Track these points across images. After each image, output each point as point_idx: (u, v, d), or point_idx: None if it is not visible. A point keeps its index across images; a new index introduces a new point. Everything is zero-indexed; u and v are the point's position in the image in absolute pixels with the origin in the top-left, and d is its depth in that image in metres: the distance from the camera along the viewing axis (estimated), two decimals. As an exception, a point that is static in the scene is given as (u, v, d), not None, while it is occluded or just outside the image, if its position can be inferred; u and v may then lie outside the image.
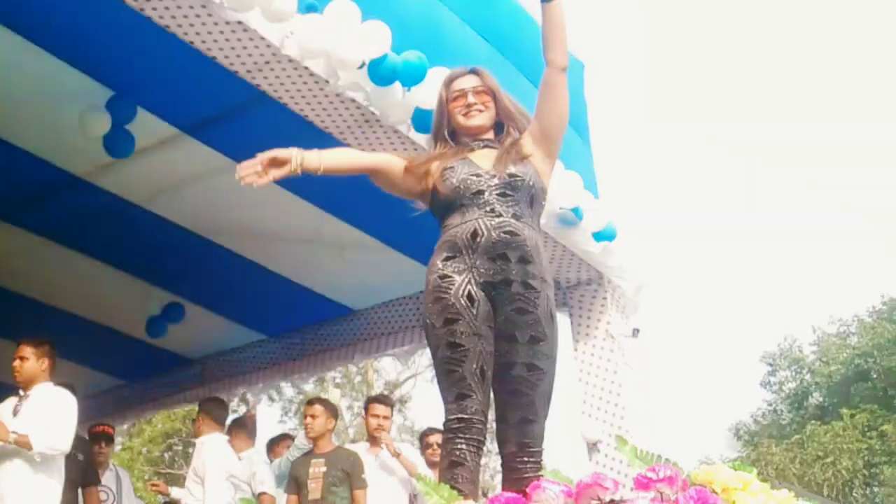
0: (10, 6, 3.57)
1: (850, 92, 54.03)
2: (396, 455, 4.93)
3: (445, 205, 2.54)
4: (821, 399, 24.40)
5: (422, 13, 3.87)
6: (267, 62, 3.33)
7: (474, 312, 2.37)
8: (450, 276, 2.41)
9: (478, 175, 2.51)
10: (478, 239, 2.42)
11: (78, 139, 4.20)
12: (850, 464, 19.44)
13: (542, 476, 2.27)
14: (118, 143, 4.24)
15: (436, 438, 5.44)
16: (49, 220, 5.10)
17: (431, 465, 5.22)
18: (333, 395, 5.19)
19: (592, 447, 4.80)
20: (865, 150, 51.55)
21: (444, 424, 2.37)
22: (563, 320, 5.21)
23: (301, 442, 4.91)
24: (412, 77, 3.43)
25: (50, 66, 3.87)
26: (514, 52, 4.39)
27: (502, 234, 2.42)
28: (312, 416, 4.76)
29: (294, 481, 4.71)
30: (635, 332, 5.06)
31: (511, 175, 2.51)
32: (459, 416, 2.34)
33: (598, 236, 4.69)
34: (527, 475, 2.34)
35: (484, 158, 2.58)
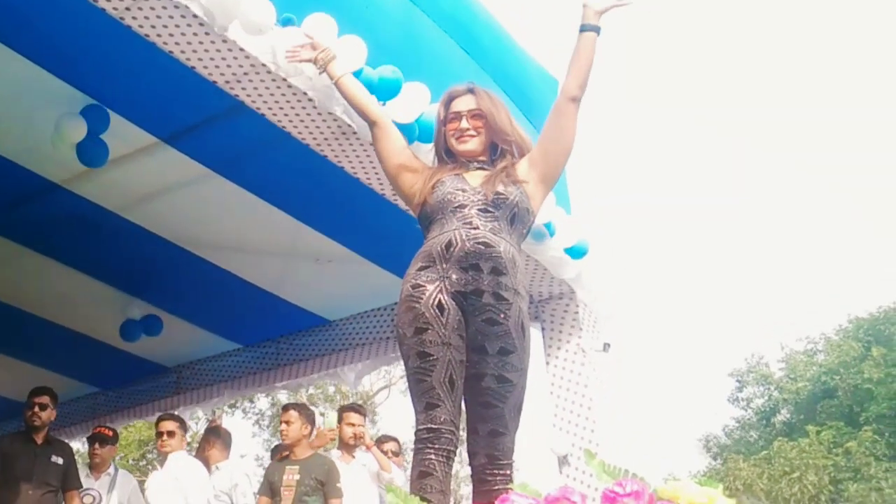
0: (-12, 11, 3.56)
1: (840, 72, 54.59)
2: (368, 448, 5.10)
3: (430, 217, 2.59)
4: (788, 415, 24.66)
5: (402, 24, 3.91)
6: (245, 73, 3.34)
7: (444, 321, 2.38)
8: (422, 286, 2.43)
9: (463, 190, 2.56)
10: (451, 249, 2.44)
11: (54, 146, 4.18)
12: (817, 480, 19.63)
13: (510, 489, 2.30)
14: (91, 153, 4.21)
15: (390, 446, 5.51)
16: (25, 226, 5.05)
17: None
18: (330, 417, 5.21)
19: (563, 460, 4.83)
20: (855, 131, 52.06)
21: (415, 434, 2.38)
22: (534, 334, 5.25)
23: None
24: (387, 91, 3.46)
25: (28, 71, 3.85)
26: (493, 66, 4.45)
27: (476, 245, 2.44)
28: (287, 423, 4.75)
29: (268, 485, 4.69)
30: (606, 346, 5.11)
31: (496, 193, 2.54)
32: (429, 425, 2.35)
33: (570, 252, 4.74)
34: (496, 487, 2.35)
35: (476, 177, 2.63)
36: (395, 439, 5.79)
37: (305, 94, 3.44)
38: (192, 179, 4.65)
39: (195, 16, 3.04)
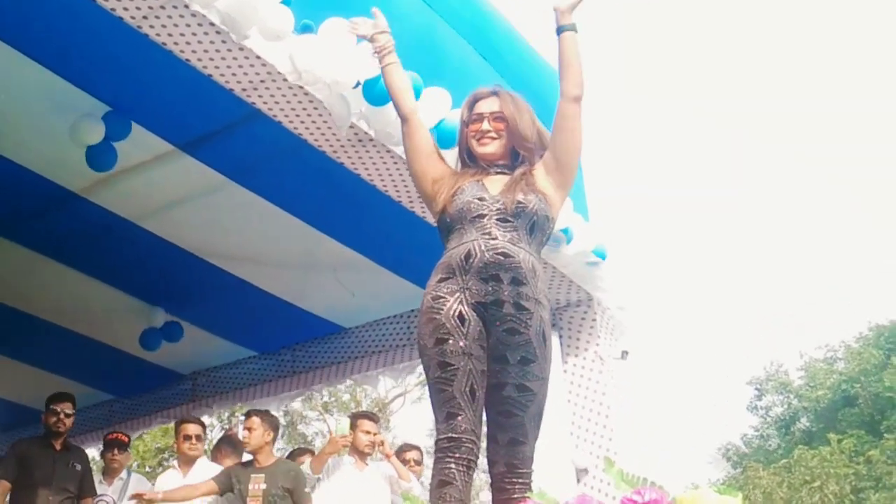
0: (7, 20, 3.58)
1: (839, 63, 54.17)
2: (388, 456, 5.07)
3: (449, 226, 2.58)
4: (808, 424, 24.44)
5: (421, 30, 3.91)
6: (262, 81, 3.35)
7: (465, 332, 2.37)
8: (442, 297, 2.42)
9: (482, 199, 2.54)
10: (471, 260, 2.43)
11: (73, 154, 4.20)
12: (838, 489, 19.43)
13: (528, 497, 2.28)
14: (101, 157, 4.22)
15: (413, 455, 5.47)
16: (45, 236, 5.08)
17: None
18: (343, 423, 5.16)
19: (582, 471, 4.80)
20: (853, 122, 51.53)
21: (435, 443, 2.37)
22: (553, 341, 5.22)
23: (307, 469, 4.93)
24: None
25: (46, 80, 3.88)
26: (511, 72, 4.44)
27: (496, 256, 2.43)
28: (250, 429, 4.68)
29: (239, 492, 4.59)
30: (624, 353, 5.08)
31: (515, 202, 2.52)
32: (449, 435, 2.34)
33: (588, 259, 4.71)
34: (515, 496, 2.34)
35: (496, 184, 2.61)
36: (417, 448, 5.75)
37: (322, 101, 3.45)
38: (208, 187, 4.66)
39: (212, 24, 3.04)
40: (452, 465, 2.31)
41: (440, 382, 2.37)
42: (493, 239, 2.46)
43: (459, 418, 2.33)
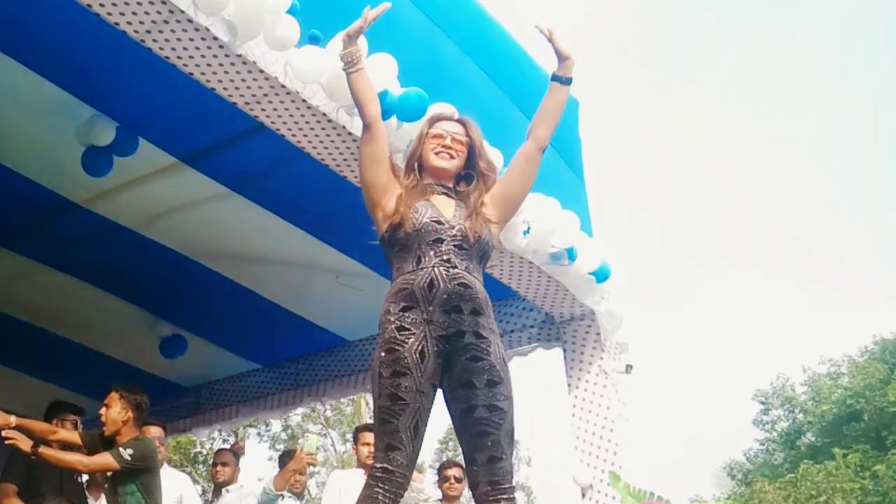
0: (12, 34, 3.60)
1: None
2: None
3: (404, 243, 2.62)
4: (813, 439, 24.32)
5: (425, 46, 3.92)
6: (265, 94, 3.36)
7: (422, 369, 2.44)
8: (407, 329, 2.49)
9: (439, 222, 2.60)
10: (434, 290, 2.50)
11: (77, 165, 4.21)
12: (844, 503, 19.32)
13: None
14: (96, 163, 4.22)
15: (454, 472, 5.36)
16: (48, 245, 5.09)
17: (448, 498, 5.20)
18: (311, 441, 5.03)
19: (586, 488, 4.77)
20: None
21: (370, 470, 2.45)
22: (556, 355, 5.22)
23: (268, 487, 4.73)
24: (413, 112, 3.47)
25: (51, 93, 3.90)
26: (514, 88, 4.45)
27: (457, 287, 2.51)
28: (106, 406, 4.22)
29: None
30: (628, 368, 5.06)
31: (475, 233, 2.61)
32: (385, 465, 2.41)
33: (593, 275, 4.70)
34: None
35: (445, 207, 2.68)
36: (459, 465, 5.60)
37: (325, 114, 3.45)
38: (211, 199, 4.67)
39: (215, 38, 3.06)
40: (380, 497, 2.39)
41: (388, 413, 2.44)
42: (454, 267, 2.53)
43: (398, 453, 2.41)
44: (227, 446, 6.68)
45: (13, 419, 4.04)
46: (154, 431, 4.80)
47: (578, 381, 4.98)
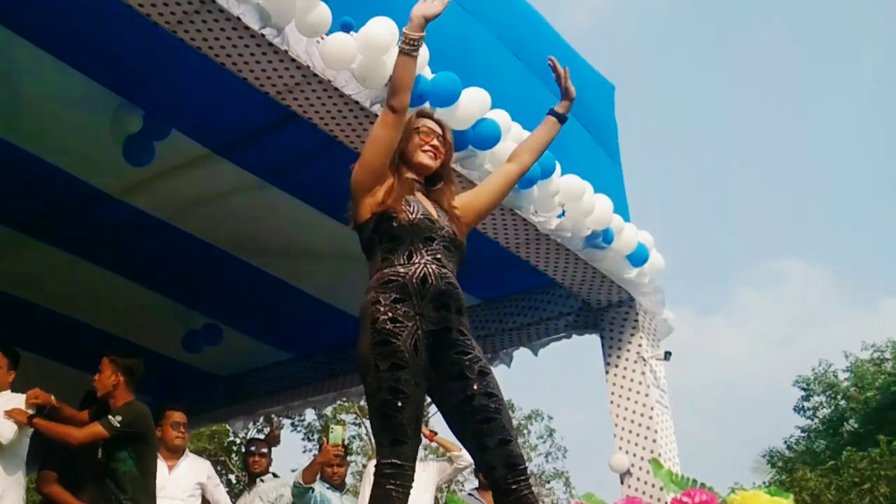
0: (46, 29, 3.63)
1: None
2: (430, 438, 5.15)
3: (395, 235, 2.59)
4: (856, 425, 23.95)
5: (457, 31, 3.87)
6: (297, 83, 3.34)
7: (418, 362, 2.45)
8: (401, 322, 2.47)
9: (431, 220, 2.62)
10: (427, 286, 2.51)
11: (110, 156, 4.23)
12: (889, 491, 19.00)
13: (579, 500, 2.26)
14: (138, 152, 4.23)
15: None
16: (80, 236, 5.13)
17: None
18: (336, 432, 5.05)
19: (626, 473, 4.73)
20: None
21: (378, 467, 2.42)
22: (594, 341, 5.18)
23: (298, 480, 4.75)
24: (446, 98, 3.43)
25: (84, 86, 3.93)
26: (546, 72, 4.38)
27: (447, 285, 2.54)
28: (99, 372, 4.28)
29: None
30: (667, 354, 5.00)
31: (459, 234, 2.68)
32: (393, 461, 2.40)
33: (630, 259, 4.64)
34: (524, 493, 2.41)
35: (427, 204, 2.70)
36: None
37: (357, 102, 3.43)
38: (244, 190, 4.68)
39: (247, 27, 3.05)
40: (394, 494, 2.39)
41: (390, 408, 2.42)
42: (443, 267, 2.57)
43: (405, 446, 2.41)
44: (262, 436, 6.71)
45: (53, 398, 4.18)
46: (176, 417, 4.83)
47: (616, 369, 4.94)
